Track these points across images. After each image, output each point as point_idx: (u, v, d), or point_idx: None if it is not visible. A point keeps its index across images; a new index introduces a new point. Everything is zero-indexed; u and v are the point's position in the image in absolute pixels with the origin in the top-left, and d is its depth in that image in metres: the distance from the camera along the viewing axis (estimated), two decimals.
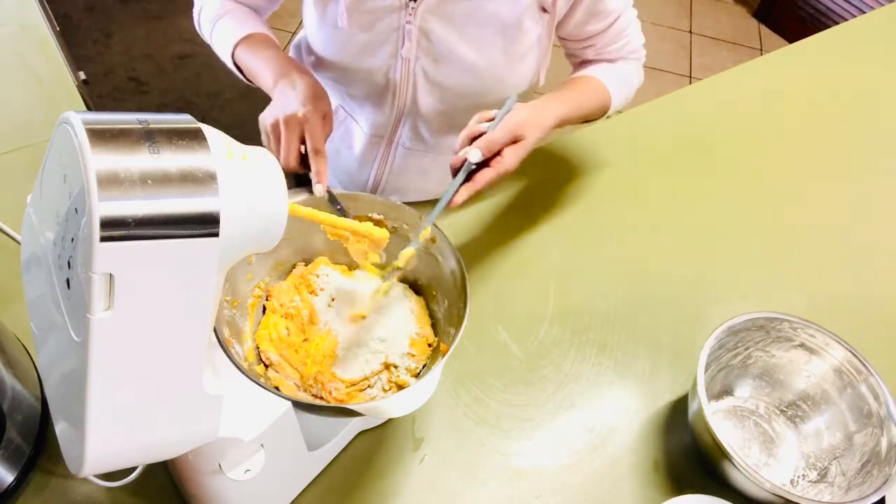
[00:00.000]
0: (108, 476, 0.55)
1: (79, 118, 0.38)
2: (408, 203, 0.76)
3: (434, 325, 0.76)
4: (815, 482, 0.77)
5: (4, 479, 0.67)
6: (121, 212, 0.36)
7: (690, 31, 3.05)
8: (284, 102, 0.76)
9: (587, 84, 0.95)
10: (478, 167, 0.75)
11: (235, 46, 0.88)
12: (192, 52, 2.40)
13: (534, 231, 1.00)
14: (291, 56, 1.06)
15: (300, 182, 0.78)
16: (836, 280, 1.01)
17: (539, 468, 0.77)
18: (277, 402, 0.57)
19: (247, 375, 0.58)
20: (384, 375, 0.71)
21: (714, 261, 1.01)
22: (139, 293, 0.39)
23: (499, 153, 0.76)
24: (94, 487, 0.69)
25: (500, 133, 0.75)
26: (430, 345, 0.74)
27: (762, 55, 1.59)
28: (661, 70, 2.80)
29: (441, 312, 0.75)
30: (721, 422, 0.83)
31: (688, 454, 0.80)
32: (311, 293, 0.75)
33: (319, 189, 0.72)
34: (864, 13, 1.62)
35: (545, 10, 0.87)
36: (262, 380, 0.64)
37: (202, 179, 0.39)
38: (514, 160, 0.76)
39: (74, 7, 2.50)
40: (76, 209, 0.37)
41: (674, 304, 0.94)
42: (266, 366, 0.70)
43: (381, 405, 0.59)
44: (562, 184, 1.07)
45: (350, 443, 0.76)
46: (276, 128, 0.75)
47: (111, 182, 0.36)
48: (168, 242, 0.38)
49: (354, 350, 0.71)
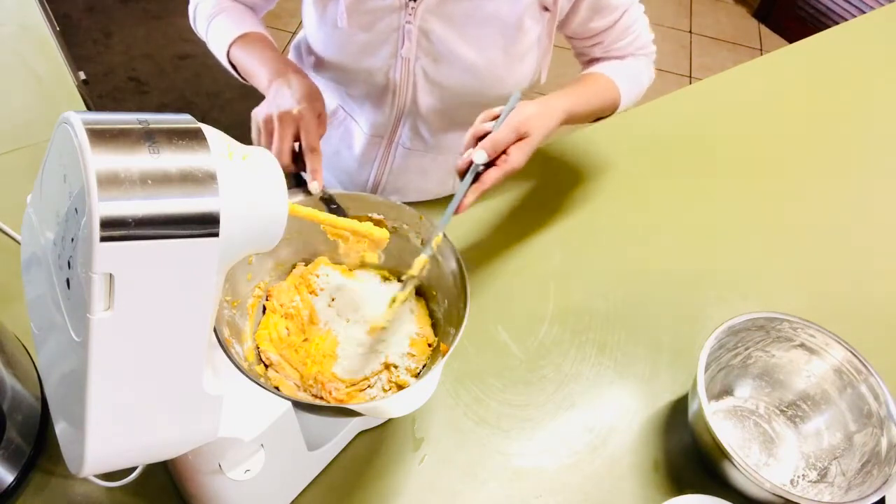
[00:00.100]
0: (108, 476, 0.55)
1: (79, 118, 0.38)
2: (408, 203, 0.75)
3: (434, 325, 0.76)
4: (815, 482, 0.77)
5: (4, 479, 0.67)
6: (121, 212, 0.36)
7: (690, 31, 3.05)
8: (279, 99, 0.75)
9: (595, 80, 0.94)
10: (485, 167, 0.75)
11: (231, 45, 0.88)
12: (192, 52, 2.40)
13: (534, 231, 1.00)
14: (291, 56, 1.06)
15: (300, 182, 0.78)
16: (836, 280, 1.01)
17: (539, 468, 0.77)
18: (277, 402, 0.57)
19: (247, 375, 0.58)
20: (384, 375, 0.71)
21: (714, 261, 1.01)
22: (139, 293, 0.39)
23: (504, 151, 0.75)
24: (94, 487, 0.69)
25: (505, 132, 0.75)
26: (430, 345, 0.74)
27: (762, 55, 1.59)
28: (661, 70, 2.78)
29: (441, 312, 0.75)
30: (721, 422, 0.83)
31: (688, 454, 0.80)
32: (311, 293, 0.75)
33: (315, 187, 0.72)
34: (864, 13, 1.62)
35: (546, 9, 0.86)
36: (262, 380, 0.64)
37: (202, 179, 0.39)
38: (521, 158, 0.76)
39: (74, 7, 2.50)
40: (76, 209, 0.37)
41: (674, 304, 0.94)
42: (266, 366, 0.70)
43: (381, 405, 0.59)
44: (562, 184, 1.07)
45: (350, 443, 0.76)
46: (269, 123, 0.74)
47: (111, 182, 0.36)
48: (168, 242, 0.38)
49: (354, 350, 0.72)
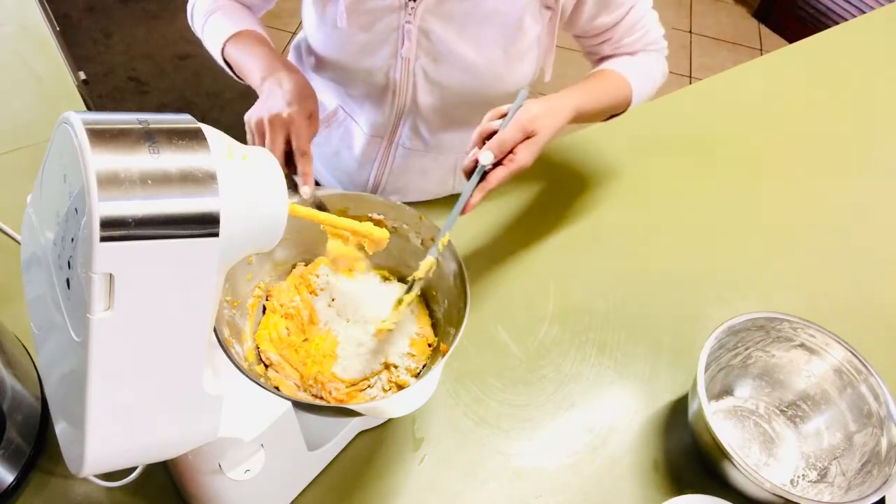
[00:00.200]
0: (108, 476, 0.55)
1: (79, 118, 0.38)
2: (408, 203, 0.75)
3: (434, 325, 0.76)
4: (815, 482, 0.77)
5: (4, 479, 0.67)
6: (121, 212, 0.36)
7: (690, 31, 3.05)
8: (270, 101, 0.75)
9: (605, 77, 0.92)
10: (491, 166, 0.74)
11: (225, 43, 0.88)
12: (192, 53, 2.40)
13: (534, 231, 1.00)
14: (291, 56, 1.06)
15: (291, 185, 0.78)
16: (836, 280, 1.01)
17: (539, 468, 0.77)
18: (277, 402, 0.57)
19: (247, 375, 0.58)
20: (384, 375, 0.71)
21: (714, 261, 1.01)
22: (139, 293, 0.39)
23: (511, 150, 0.75)
24: (94, 487, 0.69)
25: (512, 131, 0.74)
26: (430, 345, 0.74)
27: (762, 55, 1.59)
28: None
29: (441, 312, 0.75)
30: (721, 422, 0.83)
31: (688, 454, 0.80)
32: (311, 293, 0.75)
33: (306, 191, 0.71)
34: (864, 13, 1.62)
35: (548, 8, 0.86)
36: (262, 380, 0.64)
37: (202, 179, 0.39)
38: (528, 157, 0.75)
39: (74, 7, 2.50)
40: (76, 209, 0.37)
41: (674, 304, 0.94)
42: (266, 366, 0.70)
43: (381, 405, 0.59)
44: (562, 184, 1.07)
45: (350, 443, 0.76)
46: (261, 126, 0.74)
47: (111, 182, 0.36)
48: (168, 242, 0.38)
49: (354, 350, 0.71)
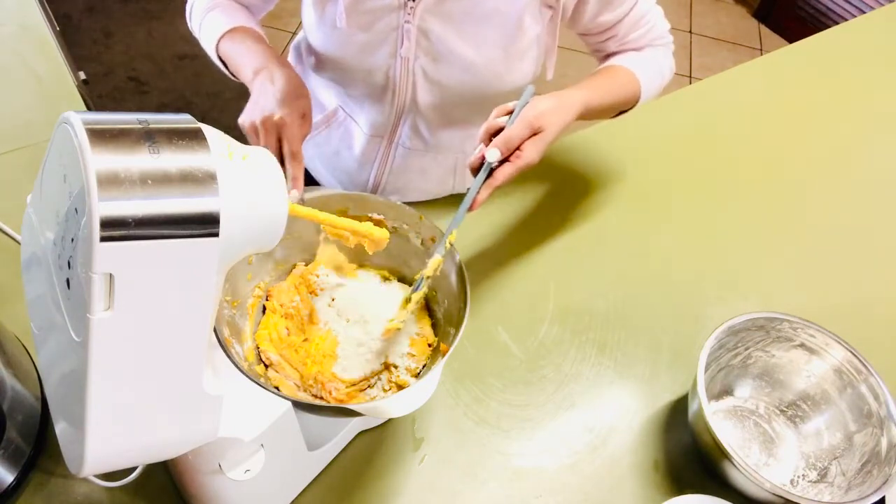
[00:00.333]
0: (108, 476, 0.55)
1: (79, 118, 0.38)
2: (408, 203, 0.75)
3: (434, 325, 0.76)
4: (815, 482, 0.77)
5: (4, 479, 0.67)
6: (121, 212, 0.36)
7: (690, 31, 3.05)
8: (262, 102, 0.75)
9: (613, 72, 0.92)
10: (498, 163, 0.74)
11: (220, 39, 0.87)
12: (192, 53, 2.40)
13: (533, 231, 1.00)
14: (291, 57, 1.06)
15: None
16: (836, 280, 1.01)
17: (539, 468, 0.77)
18: (277, 402, 0.57)
19: (247, 375, 0.58)
20: (384, 375, 0.71)
21: (714, 261, 1.01)
22: (139, 293, 0.39)
23: (518, 147, 0.74)
24: (94, 487, 0.69)
25: (518, 128, 0.74)
26: (430, 345, 0.74)
27: (762, 55, 1.59)
28: None
29: (441, 312, 0.75)
30: (721, 422, 0.83)
31: (688, 454, 0.80)
32: (311, 293, 0.75)
33: (295, 195, 0.71)
34: (864, 13, 1.62)
35: (549, 7, 0.86)
36: (262, 380, 0.64)
37: (202, 179, 0.39)
38: (535, 154, 0.75)
39: (74, 7, 2.50)
40: (76, 209, 0.37)
41: (674, 304, 0.94)
42: (266, 366, 0.70)
43: (381, 405, 0.59)
44: (562, 184, 1.07)
45: (350, 443, 0.76)
46: (253, 130, 0.74)
47: (111, 182, 0.36)
48: (168, 242, 0.38)
49: (354, 350, 0.72)
